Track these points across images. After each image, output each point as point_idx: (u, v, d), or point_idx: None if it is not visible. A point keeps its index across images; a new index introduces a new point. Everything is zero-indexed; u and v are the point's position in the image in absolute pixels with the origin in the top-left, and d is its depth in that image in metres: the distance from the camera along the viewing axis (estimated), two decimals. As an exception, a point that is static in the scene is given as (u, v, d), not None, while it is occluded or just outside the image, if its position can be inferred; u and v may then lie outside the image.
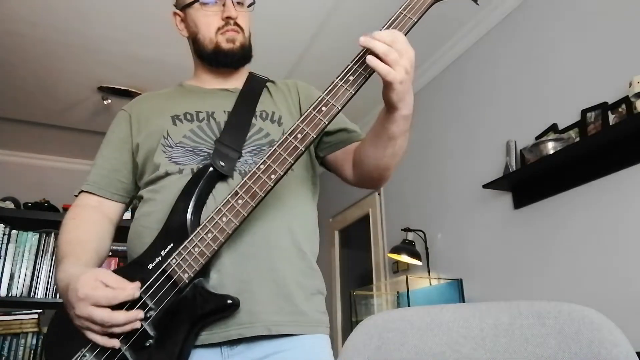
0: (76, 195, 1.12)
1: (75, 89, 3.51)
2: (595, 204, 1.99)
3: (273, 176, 0.88)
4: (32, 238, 2.34)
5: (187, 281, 0.89)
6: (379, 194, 3.67)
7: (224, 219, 0.89)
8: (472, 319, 0.71)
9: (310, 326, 0.99)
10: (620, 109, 1.88)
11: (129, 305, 0.88)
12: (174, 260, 0.90)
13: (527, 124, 2.36)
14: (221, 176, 0.98)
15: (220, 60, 1.12)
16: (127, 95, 3.54)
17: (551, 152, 2.07)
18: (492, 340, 0.67)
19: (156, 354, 0.87)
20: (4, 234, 2.29)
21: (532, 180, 2.27)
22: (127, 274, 0.91)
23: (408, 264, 3.01)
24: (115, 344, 0.86)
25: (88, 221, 1.06)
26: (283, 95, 1.17)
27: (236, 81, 1.17)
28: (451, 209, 2.86)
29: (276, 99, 1.16)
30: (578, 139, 2.02)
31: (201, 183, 0.96)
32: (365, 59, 0.86)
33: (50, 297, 2.30)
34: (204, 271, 0.91)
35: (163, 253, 0.92)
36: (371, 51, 0.85)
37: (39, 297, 2.28)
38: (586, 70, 2.12)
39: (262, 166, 0.89)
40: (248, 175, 0.90)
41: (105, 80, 3.43)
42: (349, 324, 3.32)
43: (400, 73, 0.85)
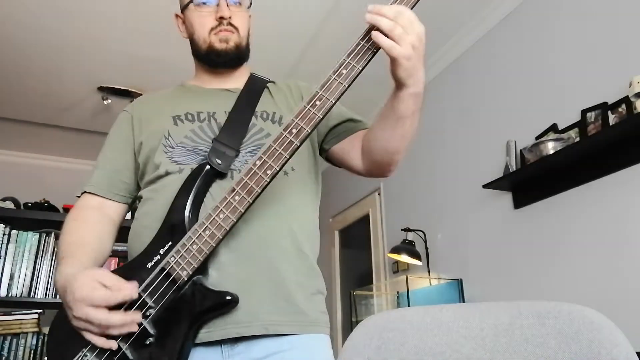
0: (78, 197, 1.12)
1: (75, 89, 3.51)
2: (596, 204, 1.99)
3: (269, 171, 0.89)
4: (32, 238, 2.34)
5: (186, 278, 0.89)
6: (379, 194, 3.67)
7: (221, 215, 0.89)
8: (472, 319, 0.71)
9: (310, 326, 0.99)
10: (620, 109, 1.88)
11: (128, 304, 0.88)
12: (172, 258, 0.90)
13: (527, 124, 2.36)
14: (218, 174, 0.99)
15: (213, 60, 1.13)
16: (127, 95, 3.54)
17: (551, 152, 2.06)
18: (492, 340, 0.67)
19: (157, 352, 0.87)
20: (4, 234, 2.29)
21: (532, 180, 2.26)
22: (127, 273, 0.92)
23: (408, 264, 3.01)
24: (113, 345, 0.86)
25: (89, 222, 1.06)
26: (284, 95, 1.17)
27: (237, 81, 1.17)
28: (451, 209, 2.86)
29: (277, 99, 1.16)
30: (578, 139, 2.02)
31: (198, 181, 0.97)
32: (371, 37, 0.85)
33: (50, 297, 2.30)
34: (203, 268, 0.91)
35: (162, 251, 0.92)
36: (376, 27, 0.85)
37: (39, 297, 2.28)
38: (586, 70, 2.12)
39: (258, 162, 0.89)
40: (244, 171, 0.90)
41: (105, 80, 3.43)
42: (349, 324, 3.32)
43: (406, 49, 0.84)
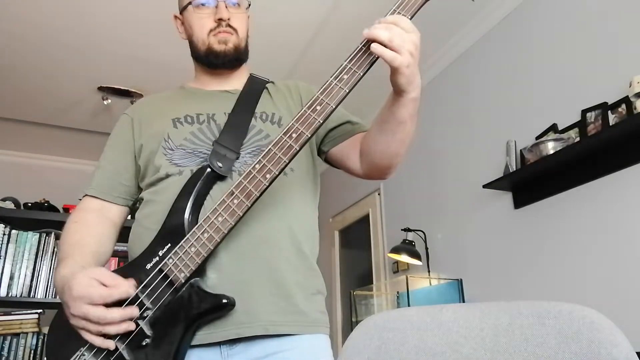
0: (80, 199, 1.12)
1: (75, 89, 3.51)
2: (596, 204, 1.99)
3: (268, 175, 0.89)
4: (32, 238, 2.34)
5: (184, 281, 0.89)
6: (379, 194, 3.67)
7: (220, 218, 0.89)
8: (472, 319, 0.71)
9: (310, 326, 0.99)
10: (620, 109, 1.88)
11: (126, 304, 0.88)
12: (170, 260, 0.90)
13: (527, 124, 2.36)
14: (219, 177, 0.99)
15: (212, 61, 1.13)
16: (127, 95, 3.54)
17: (551, 152, 2.06)
18: (492, 340, 0.67)
19: (153, 353, 0.88)
20: (4, 234, 2.29)
21: (532, 180, 2.27)
22: (126, 273, 0.92)
23: (408, 264, 3.01)
24: (110, 345, 0.87)
25: (89, 224, 1.06)
26: (283, 96, 1.17)
27: (236, 82, 1.17)
28: (451, 209, 2.86)
29: (276, 100, 1.16)
30: (578, 139, 2.02)
31: (199, 184, 0.97)
32: (370, 47, 0.85)
33: (50, 297, 2.30)
34: (201, 271, 0.91)
35: (161, 253, 0.92)
36: (374, 40, 0.85)
37: (39, 297, 2.28)
38: (586, 70, 2.12)
39: (258, 166, 0.90)
40: (243, 175, 0.90)
41: (105, 80, 3.43)
42: (349, 324, 3.32)
43: (406, 57, 0.85)
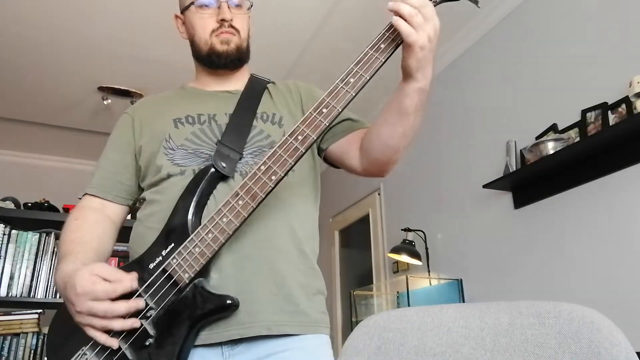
0: (80, 198, 1.13)
1: (75, 89, 3.51)
2: (595, 204, 1.99)
3: (273, 177, 0.89)
4: (32, 238, 2.34)
5: (187, 281, 0.89)
6: (379, 194, 3.67)
7: (225, 219, 0.89)
8: (472, 319, 0.71)
9: (311, 326, 0.99)
10: (620, 109, 1.88)
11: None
12: (174, 260, 0.90)
13: (527, 124, 2.36)
14: (222, 177, 0.99)
15: (214, 61, 1.13)
16: (127, 95, 3.54)
17: (551, 152, 2.07)
18: (492, 340, 0.67)
19: (156, 353, 0.87)
20: (4, 234, 2.29)
21: (532, 180, 2.27)
22: (128, 272, 0.91)
23: (408, 264, 3.01)
24: (114, 343, 0.87)
25: (90, 222, 1.06)
26: (283, 96, 1.17)
27: (237, 82, 1.17)
28: (451, 209, 2.86)
29: (277, 100, 1.16)
30: (578, 139, 2.02)
31: (202, 184, 0.97)
32: (392, 21, 0.86)
33: (50, 297, 2.30)
34: (205, 271, 0.91)
35: (164, 253, 0.92)
36: (397, 13, 0.85)
37: (39, 297, 2.28)
38: (586, 70, 2.12)
39: (263, 167, 0.89)
40: (248, 176, 0.90)
41: (105, 80, 3.43)
42: (349, 324, 3.32)
43: (422, 37, 0.85)
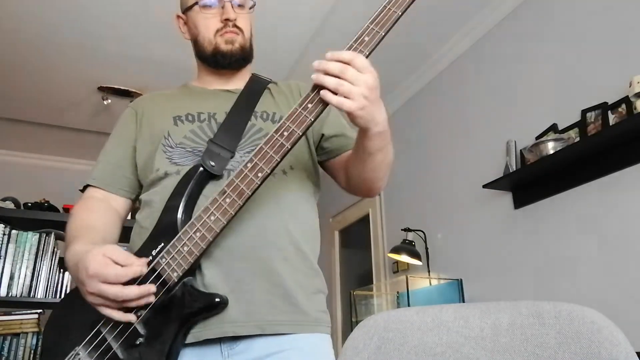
0: (81, 190, 1.13)
1: (75, 89, 3.51)
2: (595, 204, 1.99)
3: (260, 174, 0.88)
4: (32, 238, 2.34)
5: (176, 280, 0.89)
6: (379, 194, 3.67)
7: (212, 217, 0.89)
8: (472, 319, 0.71)
9: (311, 325, 0.99)
10: (620, 109, 1.88)
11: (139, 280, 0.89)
12: (163, 259, 0.90)
13: (527, 124, 2.36)
14: (212, 176, 0.99)
15: (219, 61, 1.13)
16: (127, 95, 3.54)
17: (551, 152, 2.07)
18: (492, 340, 0.67)
19: (146, 352, 0.88)
20: (4, 234, 2.29)
21: (532, 180, 2.27)
22: (139, 258, 0.92)
23: (408, 264, 3.01)
24: (132, 318, 0.88)
25: (95, 210, 1.07)
26: (285, 96, 1.17)
27: (239, 82, 1.18)
28: (451, 209, 2.86)
29: (278, 100, 1.16)
30: (578, 139, 2.02)
31: (191, 183, 0.97)
32: (319, 94, 0.85)
33: (50, 297, 2.30)
34: (193, 270, 0.91)
35: (154, 252, 0.92)
36: (322, 87, 0.84)
37: (39, 297, 2.28)
38: (586, 70, 2.12)
39: (250, 164, 0.89)
40: (236, 173, 0.90)
41: (105, 80, 3.43)
42: (349, 324, 3.32)
43: (357, 101, 0.83)
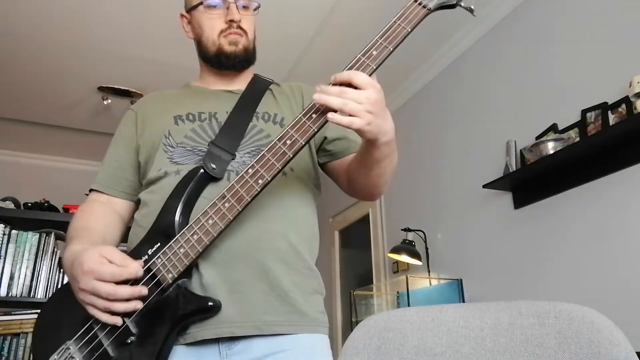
0: (86, 194, 1.15)
1: (75, 89, 3.51)
2: (596, 204, 1.99)
3: (260, 181, 0.89)
4: (32, 238, 2.34)
5: (171, 281, 0.90)
6: (379, 194, 3.67)
7: (210, 221, 0.89)
8: (472, 319, 0.71)
9: (309, 326, 0.99)
10: (620, 109, 1.88)
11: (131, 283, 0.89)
12: (159, 260, 0.91)
13: (527, 124, 2.36)
14: (212, 178, 0.99)
15: (222, 62, 1.13)
16: (127, 95, 3.54)
17: (551, 152, 2.07)
18: (492, 340, 0.67)
19: (137, 351, 0.88)
20: (4, 234, 2.29)
21: (532, 180, 2.27)
22: (135, 260, 0.92)
23: (408, 264, 3.01)
24: (118, 321, 0.88)
25: (97, 214, 1.08)
26: (287, 97, 1.18)
27: (241, 83, 1.18)
28: (451, 209, 2.86)
29: (280, 101, 1.16)
30: (578, 139, 2.02)
31: (191, 185, 0.97)
32: (327, 117, 0.85)
33: (49, 298, 2.30)
34: (189, 272, 0.92)
35: (150, 252, 0.93)
36: (328, 108, 0.85)
37: (39, 297, 2.28)
38: (586, 70, 2.12)
39: (251, 170, 0.90)
40: (236, 178, 0.91)
41: (105, 80, 3.43)
42: (349, 324, 3.32)
43: (364, 118, 0.84)
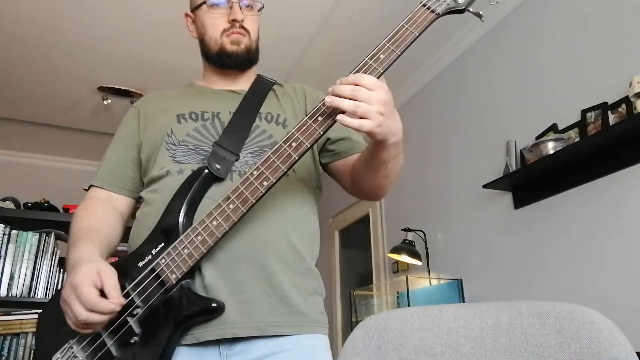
0: (85, 190, 1.14)
1: (75, 89, 3.51)
2: (595, 204, 1.99)
3: (265, 183, 0.89)
4: (32, 238, 2.34)
5: (175, 282, 0.90)
6: (379, 195, 3.67)
7: (214, 222, 0.89)
8: (472, 319, 0.71)
9: (309, 326, 0.99)
10: (620, 109, 1.88)
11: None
12: (163, 260, 0.91)
13: (527, 124, 2.36)
14: (217, 178, 0.99)
15: (224, 61, 1.14)
16: (127, 95, 3.54)
17: (551, 152, 2.06)
18: (492, 340, 0.67)
19: (140, 351, 0.88)
20: (4, 234, 2.29)
21: (532, 180, 2.26)
22: (119, 268, 0.92)
23: (408, 264, 3.01)
24: (89, 331, 0.88)
25: (99, 211, 1.08)
26: (290, 98, 1.18)
27: (244, 83, 1.18)
28: (451, 209, 2.86)
29: (282, 102, 1.16)
30: (578, 139, 2.02)
31: (195, 185, 0.97)
32: (336, 119, 0.85)
33: (50, 297, 2.30)
34: (192, 272, 0.92)
35: (154, 252, 0.93)
36: (339, 111, 0.84)
37: (39, 297, 2.28)
38: (586, 70, 2.12)
39: (256, 172, 0.90)
40: (241, 180, 0.91)
41: (105, 80, 3.43)
42: (349, 324, 3.32)
43: (374, 120, 0.84)
